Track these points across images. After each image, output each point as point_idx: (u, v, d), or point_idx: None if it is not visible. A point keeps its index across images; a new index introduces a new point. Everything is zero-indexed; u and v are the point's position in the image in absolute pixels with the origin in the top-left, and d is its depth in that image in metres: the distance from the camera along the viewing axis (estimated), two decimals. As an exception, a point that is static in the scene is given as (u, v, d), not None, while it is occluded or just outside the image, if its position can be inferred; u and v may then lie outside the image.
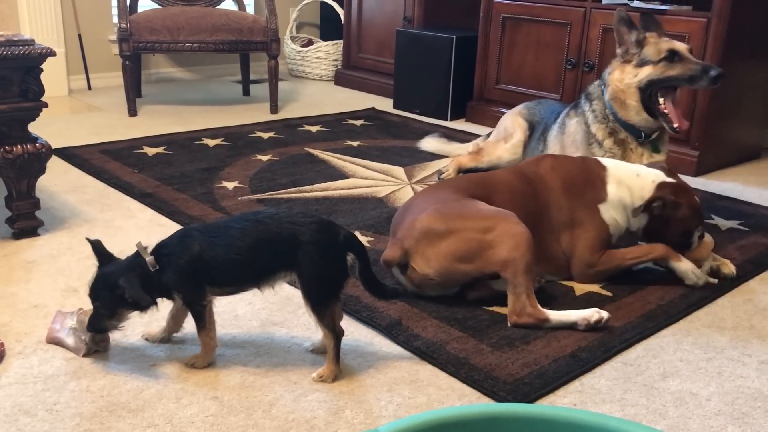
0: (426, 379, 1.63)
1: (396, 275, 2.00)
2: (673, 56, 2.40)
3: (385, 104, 4.29)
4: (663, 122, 2.43)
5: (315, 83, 4.92)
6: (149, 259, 1.55)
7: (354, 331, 1.81)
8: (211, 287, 1.60)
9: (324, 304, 1.58)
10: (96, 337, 1.65)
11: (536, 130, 2.87)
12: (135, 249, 1.58)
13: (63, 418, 1.45)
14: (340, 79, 4.84)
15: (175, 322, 1.72)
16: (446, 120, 4.00)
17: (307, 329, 1.80)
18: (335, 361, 1.61)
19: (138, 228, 2.37)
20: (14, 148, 2.13)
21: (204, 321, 1.61)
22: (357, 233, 2.38)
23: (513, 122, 2.97)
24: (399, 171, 3.07)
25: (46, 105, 2.16)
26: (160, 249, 1.58)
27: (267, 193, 2.72)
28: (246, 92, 4.40)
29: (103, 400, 1.51)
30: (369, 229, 2.42)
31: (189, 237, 1.58)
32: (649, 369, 1.72)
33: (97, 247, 1.62)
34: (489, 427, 1.00)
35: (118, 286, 1.53)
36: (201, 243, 1.56)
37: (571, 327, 1.83)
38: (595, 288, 2.07)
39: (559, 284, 2.09)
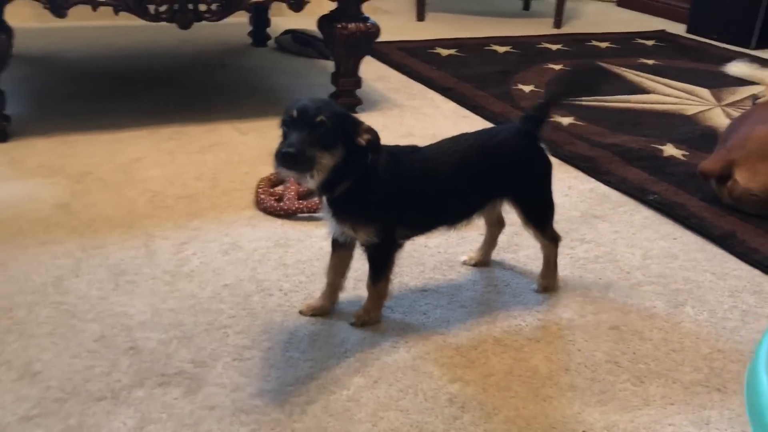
0: (771, 293, 1.51)
1: (712, 186, 1.87)
2: None
3: (674, 28, 3.98)
4: None
5: (596, 3, 4.68)
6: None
7: (681, 235, 1.72)
8: (403, 227, 1.32)
9: (547, 216, 1.45)
10: None
11: None
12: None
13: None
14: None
15: (338, 274, 1.37)
16: (749, 48, 3.62)
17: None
18: (556, 268, 1.49)
19: (444, 117, 2.43)
20: (349, 26, 2.25)
21: (386, 268, 1.32)
22: (670, 145, 2.26)
23: None
24: (705, 92, 2.84)
25: (381, -14, 2.26)
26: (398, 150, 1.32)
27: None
28: (526, 7, 4.30)
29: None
30: (683, 144, 2.28)
31: (425, 160, 1.31)
32: None
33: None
34: None
35: (359, 126, 1.21)
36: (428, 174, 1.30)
37: None
38: None
39: None
